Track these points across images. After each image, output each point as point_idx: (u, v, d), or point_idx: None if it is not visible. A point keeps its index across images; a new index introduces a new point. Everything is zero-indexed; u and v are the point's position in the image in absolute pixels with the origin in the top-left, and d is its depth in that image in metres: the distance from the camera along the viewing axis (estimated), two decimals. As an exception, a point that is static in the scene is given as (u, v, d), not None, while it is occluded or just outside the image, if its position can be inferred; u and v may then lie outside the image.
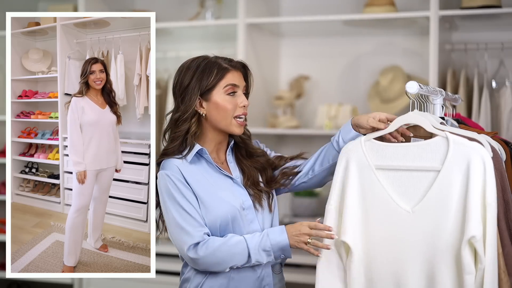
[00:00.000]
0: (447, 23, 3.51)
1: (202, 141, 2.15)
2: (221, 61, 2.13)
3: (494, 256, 1.80)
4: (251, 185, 2.15)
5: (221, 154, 2.20)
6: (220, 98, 2.10)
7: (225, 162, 2.19)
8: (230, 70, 2.13)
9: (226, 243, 2.02)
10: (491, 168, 1.82)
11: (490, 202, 1.80)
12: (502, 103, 3.38)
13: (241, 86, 2.15)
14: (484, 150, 1.83)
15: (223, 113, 2.11)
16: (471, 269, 1.80)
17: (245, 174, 2.17)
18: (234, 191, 2.12)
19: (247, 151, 2.22)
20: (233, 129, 2.13)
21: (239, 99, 2.13)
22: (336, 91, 4.02)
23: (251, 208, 2.11)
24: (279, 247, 2.02)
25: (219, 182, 2.11)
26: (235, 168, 2.19)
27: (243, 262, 2.03)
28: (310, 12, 3.87)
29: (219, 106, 2.10)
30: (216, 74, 2.10)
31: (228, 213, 2.06)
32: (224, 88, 2.11)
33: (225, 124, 2.12)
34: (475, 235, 1.78)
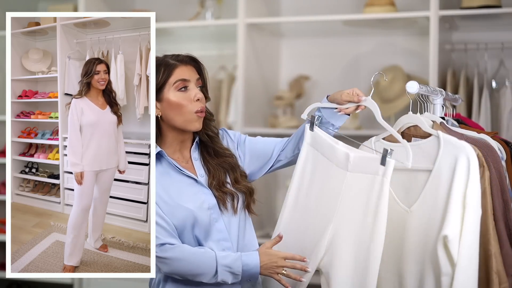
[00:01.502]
0: (447, 23, 3.51)
1: (162, 142, 2.10)
2: (168, 59, 2.08)
3: (470, 259, 1.79)
4: (216, 185, 2.08)
5: (185, 152, 2.13)
6: (172, 95, 2.04)
7: (190, 161, 2.13)
8: (178, 65, 2.06)
9: (196, 252, 1.99)
10: (475, 168, 1.80)
11: (469, 202, 1.79)
12: (502, 103, 3.38)
13: (193, 80, 2.07)
14: (471, 149, 1.82)
15: (178, 110, 2.04)
16: (447, 270, 1.80)
17: (211, 173, 2.10)
18: (196, 192, 2.06)
19: (214, 150, 2.14)
20: (193, 124, 2.06)
21: (191, 93, 2.05)
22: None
23: (215, 208, 2.06)
24: (249, 274, 1.98)
25: (180, 184, 2.06)
26: (200, 167, 2.12)
27: (209, 276, 1.98)
28: (310, 12, 3.87)
29: (172, 103, 2.04)
30: (163, 72, 2.04)
31: (186, 219, 2.02)
32: (174, 85, 2.04)
33: (183, 121, 2.05)
34: (447, 234, 1.78)
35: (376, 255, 1.83)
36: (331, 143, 2.01)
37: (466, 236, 1.78)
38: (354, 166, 1.92)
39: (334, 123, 2.11)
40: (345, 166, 1.94)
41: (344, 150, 1.97)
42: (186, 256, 1.99)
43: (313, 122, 2.08)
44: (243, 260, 1.98)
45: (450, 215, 1.79)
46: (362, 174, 1.90)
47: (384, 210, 1.83)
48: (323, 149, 2.02)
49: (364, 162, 1.90)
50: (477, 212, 1.80)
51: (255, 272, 1.98)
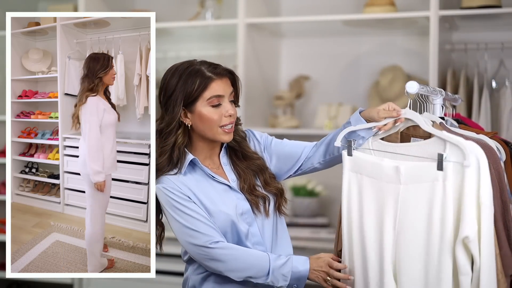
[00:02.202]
0: (447, 23, 3.51)
1: (192, 150, 2.10)
2: (204, 69, 2.04)
3: (490, 257, 1.80)
4: (247, 189, 2.09)
5: (215, 158, 2.14)
6: (204, 110, 2.03)
7: (220, 166, 2.14)
8: (214, 79, 2.03)
9: (248, 251, 2.01)
10: (485, 167, 1.81)
11: (484, 201, 1.79)
12: (502, 103, 3.38)
13: (227, 94, 2.05)
14: (479, 150, 1.82)
15: (208, 124, 2.03)
16: (467, 270, 1.80)
17: (241, 177, 2.11)
18: (229, 197, 2.07)
19: (242, 153, 2.14)
20: (221, 137, 2.06)
21: (224, 108, 2.04)
22: (336, 91, 4.03)
23: (249, 212, 2.07)
24: (297, 277, 1.98)
25: (213, 191, 2.07)
26: (230, 172, 2.13)
27: (261, 276, 1.98)
28: (310, 12, 3.87)
29: (203, 117, 2.03)
30: (198, 84, 2.01)
31: (226, 224, 2.03)
32: (208, 100, 2.02)
33: (212, 134, 2.05)
34: (469, 235, 1.77)
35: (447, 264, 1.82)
36: (375, 162, 1.97)
37: (485, 235, 1.78)
38: (407, 178, 1.89)
39: (364, 135, 2.06)
40: (397, 180, 1.91)
41: (392, 164, 1.93)
42: (241, 255, 2.00)
43: (350, 147, 2.03)
44: (293, 260, 1.99)
45: (466, 216, 1.78)
46: (418, 184, 1.87)
47: (450, 215, 1.81)
48: (367, 170, 1.98)
49: (417, 172, 1.88)
50: (491, 210, 1.81)
51: (304, 276, 1.98)
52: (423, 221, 1.86)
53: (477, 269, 1.78)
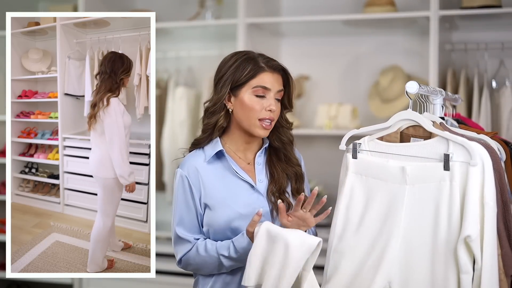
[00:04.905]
0: (447, 23, 3.51)
1: (229, 138, 2.10)
2: (259, 59, 2.05)
3: (493, 256, 1.80)
4: (276, 192, 2.06)
5: (249, 154, 2.12)
6: (247, 97, 2.03)
7: (252, 164, 2.11)
8: (265, 70, 2.03)
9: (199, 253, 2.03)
10: (490, 167, 1.81)
11: (488, 201, 1.79)
12: (502, 103, 3.38)
13: (274, 90, 2.04)
14: (484, 150, 1.83)
15: (247, 113, 2.02)
16: (468, 269, 1.80)
17: (274, 178, 2.08)
18: (251, 198, 2.05)
19: (285, 155, 2.13)
20: (256, 130, 2.04)
21: (267, 102, 2.03)
22: (336, 91, 4.03)
23: (267, 215, 2.03)
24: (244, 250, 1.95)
25: (235, 188, 2.05)
26: (261, 172, 2.10)
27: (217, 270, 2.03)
28: (310, 12, 3.87)
29: (244, 104, 2.03)
30: (249, 71, 2.02)
31: (230, 218, 2.02)
32: (253, 88, 2.02)
33: (248, 124, 2.04)
34: (471, 234, 1.77)
35: (454, 263, 1.81)
36: (380, 163, 1.96)
37: (488, 235, 1.78)
38: (413, 179, 1.89)
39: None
40: (403, 180, 1.90)
41: (398, 164, 1.92)
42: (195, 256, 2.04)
43: (355, 149, 2.03)
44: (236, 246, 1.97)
45: (469, 215, 1.78)
46: (424, 184, 1.87)
47: (457, 215, 1.81)
48: (372, 172, 1.97)
49: (424, 172, 1.87)
50: (495, 210, 1.81)
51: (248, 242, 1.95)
52: (430, 221, 1.86)
53: (478, 268, 1.79)
